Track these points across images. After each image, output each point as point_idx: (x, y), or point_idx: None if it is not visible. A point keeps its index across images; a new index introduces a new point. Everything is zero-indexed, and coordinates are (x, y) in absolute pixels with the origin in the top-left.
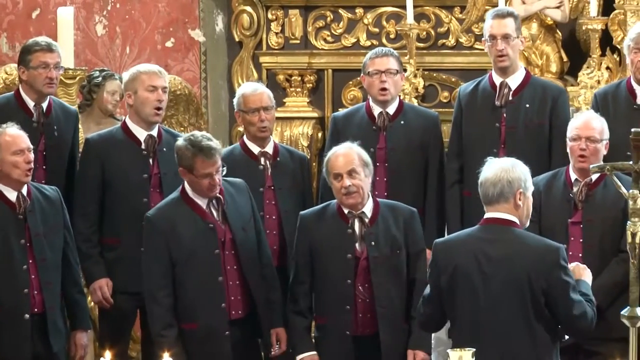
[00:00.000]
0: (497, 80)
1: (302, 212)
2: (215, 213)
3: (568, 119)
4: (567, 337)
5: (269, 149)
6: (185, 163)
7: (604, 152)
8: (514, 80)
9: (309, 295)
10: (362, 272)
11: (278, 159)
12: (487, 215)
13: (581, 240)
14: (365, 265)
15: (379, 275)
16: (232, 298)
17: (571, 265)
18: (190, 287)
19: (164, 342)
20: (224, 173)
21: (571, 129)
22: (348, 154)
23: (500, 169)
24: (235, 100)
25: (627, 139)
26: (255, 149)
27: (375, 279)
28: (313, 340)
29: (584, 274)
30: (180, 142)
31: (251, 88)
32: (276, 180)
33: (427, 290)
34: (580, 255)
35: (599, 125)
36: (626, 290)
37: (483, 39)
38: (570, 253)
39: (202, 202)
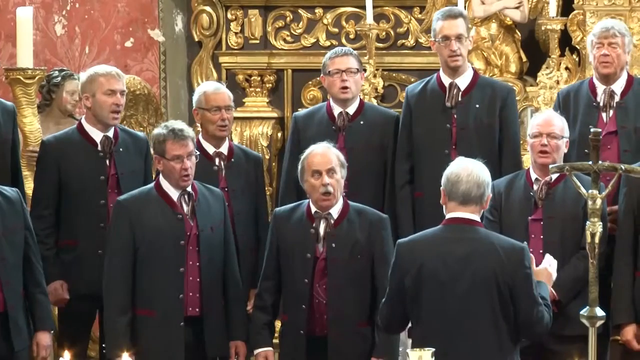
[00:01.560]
0: (446, 80)
1: (276, 209)
2: (185, 207)
3: (517, 118)
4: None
5: (224, 149)
6: (158, 148)
7: (565, 150)
8: (463, 81)
9: (275, 292)
10: (319, 272)
11: (232, 159)
12: (451, 214)
13: (541, 237)
14: (323, 266)
15: (335, 277)
16: (191, 294)
17: (540, 267)
18: (152, 274)
19: (114, 326)
20: (197, 160)
21: (532, 127)
22: (326, 153)
23: (481, 170)
24: (195, 98)
25: (586, 137)
26: (210, 149)
27: (331, 281)
28: (272, 336)
29: (544, 276)
30: (155, 130)
31: (213, 87)
32: (230, 182)
33: (387, 292)
34: (540, 252)
35: (560, 123)
36: (586, 286)
37: (431, 39)
38: (531, 250)
39: (174, 195)
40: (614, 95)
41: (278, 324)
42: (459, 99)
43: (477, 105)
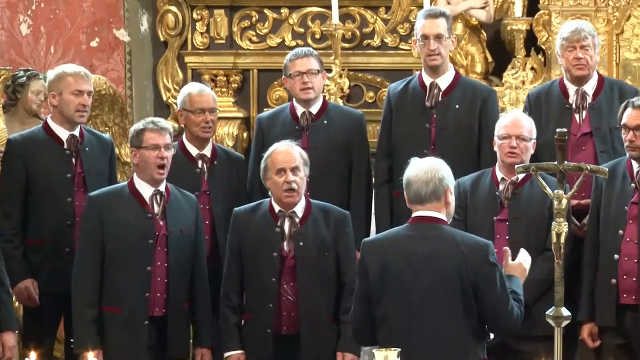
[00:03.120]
0: (427, 80)
1: (235, 209)
2: (156, 207)
3: (497, 119)
4: (492, 336)
5: (207, 151)
6: (136, 140)
7: (532, 151)
8: (444, 81)
9: (240, 291)
10: (288, 271)
11: (215, 162)
12: (415, 214)
13: (507, 237)
14: (292, 265)
15: (304, 275)
16: (158, 294)
17: (514, 262)
18: (119, 271)
19: (81, 320)
20: (174, 152)
21: (500, 128)
22: (290, 151)
23: (429, 167)
24: (179, 99)
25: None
26: (194, 151)
27: (301, 279)
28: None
29: (518, 271)
30: (134, 125)
31: (198, 88)
32: (212, 185)
33: (355, 291)
34: None
35: (528, 124)
36: (551, 287)
37: (414, 38)
38: (496, 250)
39: (146, 194)
40: (586, 97)
41: None
42: (439, 99)
43: (457, 106)
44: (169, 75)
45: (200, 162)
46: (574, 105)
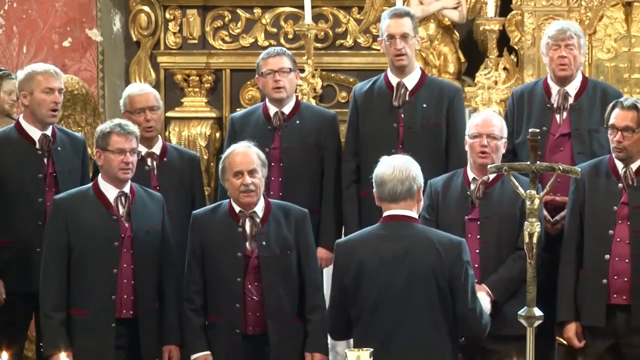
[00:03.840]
0: (394, 80)
1: (194, 212)
2: (121, 208)
3: (464, 118)
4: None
5: (157, 149)
6: (102, 141)
7: (503, 150)
8: (411, 81)
9: (203, 293)
10: (252, 271)
11: (165, 159)
12: (387, 212)
13: (478, 236)
14: (256, 264)
15: (269, 274)
16: (125, 296)
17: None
18: (85, 274)
19: (49, 324)
20: (139, 157)
21: (471, 127)
22: (248, 153)
23: (403, 166)
24: (121, 102)
25: (541, 139)
26: (142, 149)
27: (266, 279)
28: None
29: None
30: (100, 126)
31: (137, 88)
32: (161, 181)
33: (331, 292)
34: (477, 251)
35: (499, 124)
36: (522, 286)
37: (379, 38)
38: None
39: (110, 196)
40: (568, 97)
41: None
42: (407, 98)
43: (424, 105)
44: (141, 75)
45: (149, 160)
46: (555, 105)
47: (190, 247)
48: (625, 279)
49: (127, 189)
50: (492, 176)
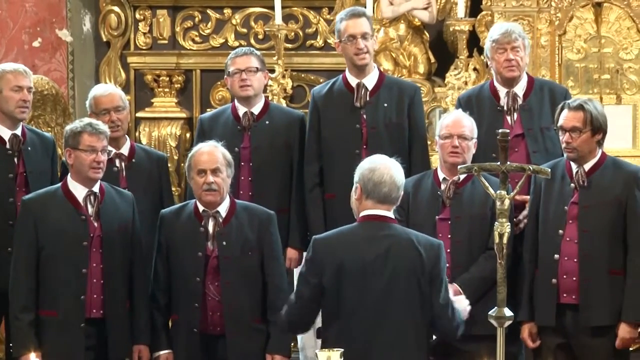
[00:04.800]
0: (353, 81)
1: (162, 210)
2: (90, 208)
3: (424, 116)
4: (433, 337)
5: (125, 150)
6: (72, 140)
7: (473, 150)
8: (370, 81)
9: (167, 292)
10: (212, 270)
11: (133, 160)
12: (368, 212)
13: (449, 236)
14: (215, 264)
15: (228, 275)
16: (95, 296)
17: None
18: (54, 274)
19: (18, 325)
20: (109, 157)
21: (441, 127)
22: (213, 152)
23: (398, 170)
24: (87, 103)
25: (492, 141)
26: (110, 150)
27: (224, 279)
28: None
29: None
30: (70, 125)
31: (102, 89)
32: (130, 182)
33: (300, 290)
34: (448, 251)
35: (469, 124)
36: (493, 286)
37: (336, 40)
38: None
39: (79, 195)
40: (517, 98)
41: None
42: (367, 98)
43: (386, 105)
44: (111, 76)
45: (117, 161)
46: (505, 108)
47: (157, 246)
48: (574, 279)
49: (96, 188)
50: (462, 176)
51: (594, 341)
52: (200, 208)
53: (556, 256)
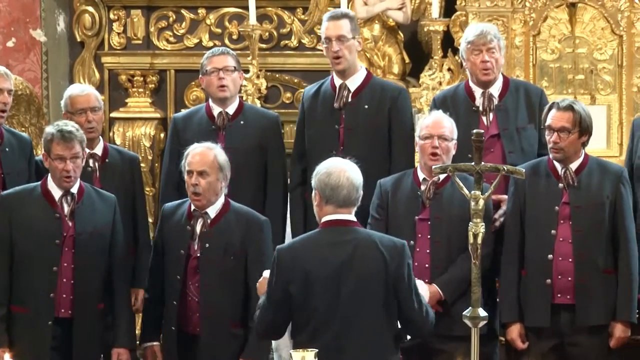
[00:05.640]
0: (338, 82)
1: (165, 205)
2: (66, 208)
3: (409, 118)
4: (408, 337)
5: (98, 150)
6: (46, 146)
7: (453, 151)
8: (354, 82)
9: (162, 285)
10: (192, 270)
11: (107, 160)
12: (330, 217)
13: (428, 236)
14: (196, 265)
15: (208, 276)
16: (64, 295)
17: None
18: (26, 271)
19: None
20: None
21: (422, 128)
22: (205, 154)
23: (356, 172)
24: (62, 102)
25: (468, 142)
26: None
27: (203, 280)
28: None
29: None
30: (47, 128)
31: (78, 89)
32: (104, 182)
33: (267, 297)
34: (427, 251)
35: (450, 124)
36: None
37: (321, 42)
38: (418, 249)
39: (56, 194)
40: (492, 99)
41: None
42: (349, 100)
43: (366, 106)
44: (85, 76)
45: (91, 161)
46: (480, 108)
47: (155, 239)
48: (569, 279)
49: (74, 188)
50: (442, 176)
51: (589, 341)
52: (192, 207)
53: (550, 256)
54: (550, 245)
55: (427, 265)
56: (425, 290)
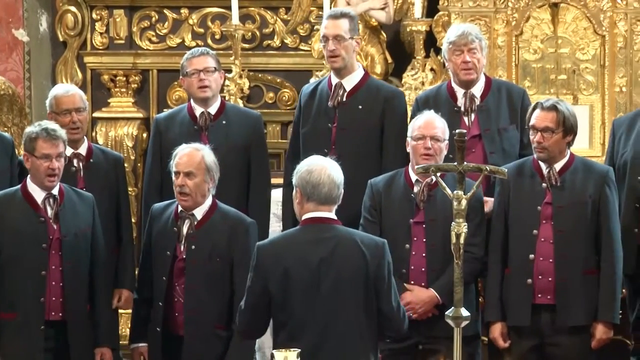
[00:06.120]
0: (335, 80)
1: (154, 205)
2: (49, 210)
3: (402, 121)
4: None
5: (82, 150)
6: (28, 145)
7: (445, 152)
8: (350, 82)
9: (151, 286)
10: (178, 272)
11: (91, 160)
12: (311, 214)
13: (424, 240)
14: (182, 266)
15: (193, 277)
16: (54, 299)
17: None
18: (13, 276)
19: None
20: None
21: (413, 129)
22: (192, 155)
23: (337, 170)
24: (47, 102)
25: (451, 142)
26: (68, 150)
27: (189, 281)
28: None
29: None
30: (28, 128)
31: (63, 89)
32: (88, 182)
33: (248, 296)
34: (423, 255)
35: (442, 125)
36: (468, 287)
37: (320, 39)
38: (414, 253)
39: (38, 197)
40: (474, 99)
41: None
42: (344, 99)
43: (360, 107)
44: (68, 76)
45: (75, 161)
46: (462, 108)
47: (144, 240)
48: (550, 279)
49: (55, 190)
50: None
51: (570, 341)
52: (179, 208)
53: (531, 256)
54: (532, 245)
55: (423, 269)
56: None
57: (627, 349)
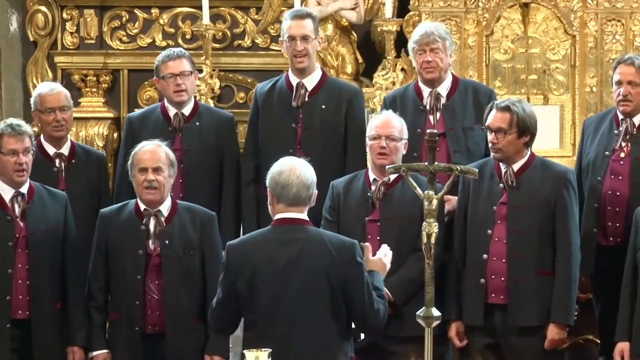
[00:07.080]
0: (294, 80)
1: (102, 210)
2: (17, 209)
3: (363, 119)
4: (362, 337)
5: (65, 150)
6: None
7: (403, 151)
8: (311, 81)
9: (106, 291)
10: (153, 269)
11: (74, 160)
12: (281, 215)
13: (378, 237)
14: (157, 263)
15: (169, 273)
16: (20, 297)
17: (375, 257)
18: None
19: None
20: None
21: (371, 128)
22: (156, 151)
23: (307, 171)
24: (32, 100)
25: (414, 140)
26: (50, 150)
27: (166, 277)
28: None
29: (379, 266)
30: None
31: (48, 88)
32: (69, 183)
33: (219, 294)
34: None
35: (399, 125)
36: (422, 287)
37: (280, 39)
38: None
39: (6, 196)
40: (440, 98)
41: None
42: (306, 99)
43: (323, 106)
44: (38, 75)
45: (57, 161)
46: (427, 107)
47: (95, 244)
48: (502, 279)
49: (24, 188)
50: (392, 177)
51: (522, 341)
52: (142, 207)
53: (485, 256)
54: (486, 245)
55: None
56: (387, 259)
57: (595, 348)
